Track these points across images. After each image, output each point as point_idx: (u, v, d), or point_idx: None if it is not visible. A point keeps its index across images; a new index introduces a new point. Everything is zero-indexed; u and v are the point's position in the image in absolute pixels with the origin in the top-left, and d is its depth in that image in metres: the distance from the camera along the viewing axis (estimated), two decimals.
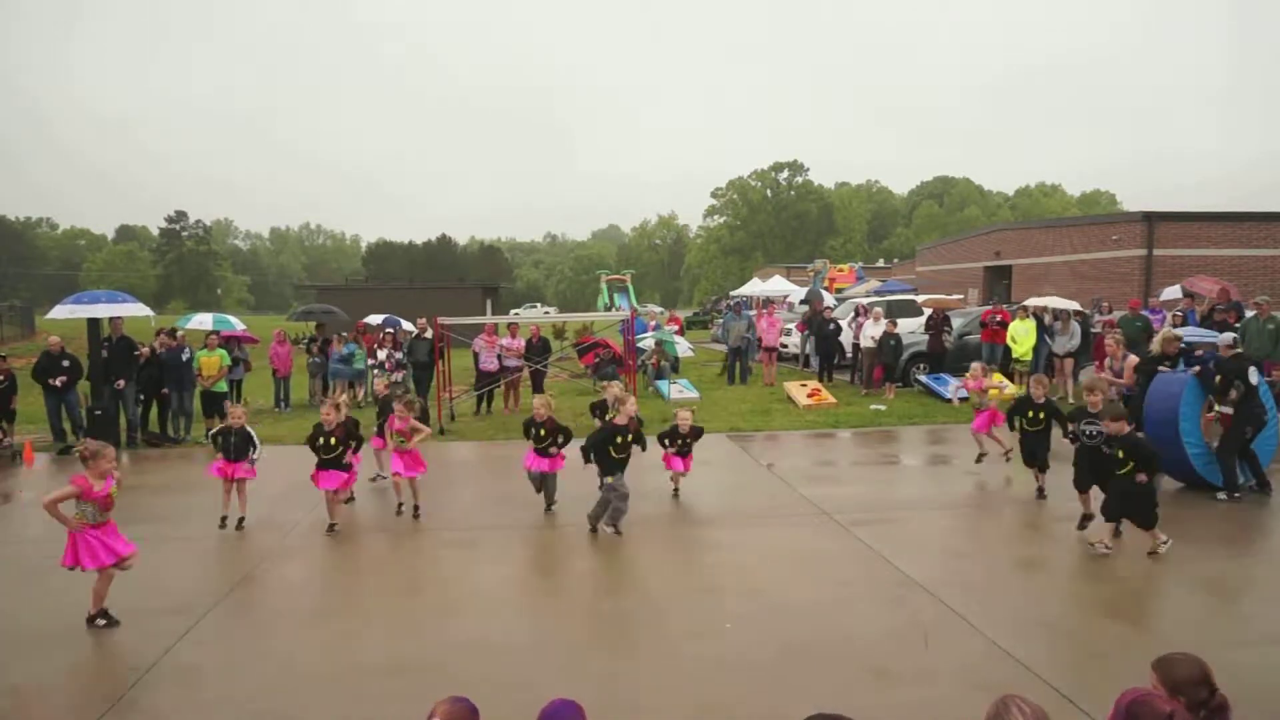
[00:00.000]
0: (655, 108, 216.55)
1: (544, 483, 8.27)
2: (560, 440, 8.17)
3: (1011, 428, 8.94)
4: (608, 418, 8.59)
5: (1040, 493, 8.64)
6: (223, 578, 6.68)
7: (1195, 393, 8.73)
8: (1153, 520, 6.60)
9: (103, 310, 12.44)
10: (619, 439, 7.73)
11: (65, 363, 12.53)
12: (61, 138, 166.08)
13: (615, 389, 9.21)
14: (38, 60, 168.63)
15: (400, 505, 8.41)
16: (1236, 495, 8.43)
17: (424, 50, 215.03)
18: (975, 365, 10.86)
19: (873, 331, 16.66)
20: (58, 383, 12.41)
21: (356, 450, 8.11)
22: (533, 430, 8.18)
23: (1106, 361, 11.05)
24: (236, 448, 7.98)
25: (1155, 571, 6.53)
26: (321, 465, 7.80)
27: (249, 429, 8.18)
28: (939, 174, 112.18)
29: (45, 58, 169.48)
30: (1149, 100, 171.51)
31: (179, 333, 13.77)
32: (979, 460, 9.96)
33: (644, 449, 8.40)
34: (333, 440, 7.79)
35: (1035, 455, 8.65)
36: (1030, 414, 8.63)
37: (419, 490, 8.39)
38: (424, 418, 13.83)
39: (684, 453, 8.87)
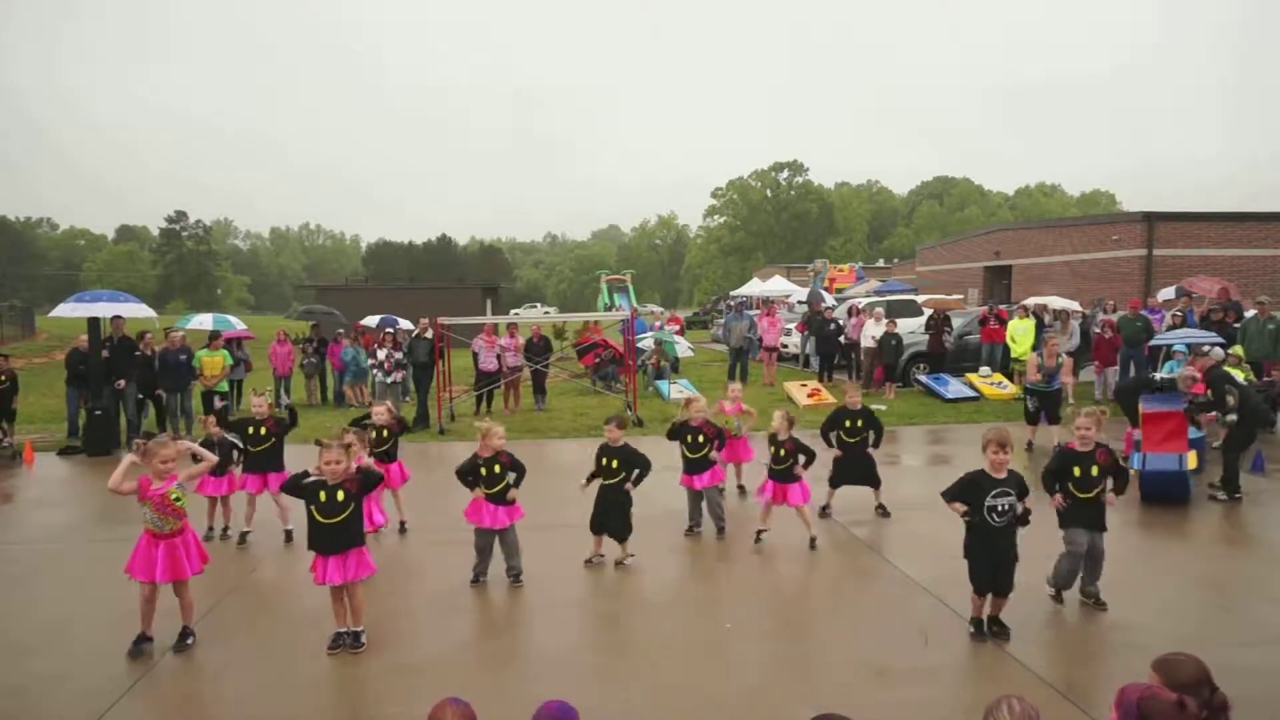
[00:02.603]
0: (655, 108, 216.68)
1: (503, 541, 6.38)
2: (515, 480, 6.36)
3: (828, 443, 8.09)
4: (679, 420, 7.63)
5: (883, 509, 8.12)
6: (221, 578, 6.67)
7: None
8: (625, 533, 6.72)
9: (103, 309, 12.43)
10: (689, 438, 7.39)
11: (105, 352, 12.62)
12: (62, 137, 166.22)
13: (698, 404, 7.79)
14: (38, 60, 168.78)
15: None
16: (1237, 495, 8.43)
17: (425, 50, 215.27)
18: (734, 385, 8.99)
19: (873, 331, 16.67)
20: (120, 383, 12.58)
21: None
22: (483, 470, 6.27)
23: (1035, 359, 11.11)
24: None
25: (1155, 572, 6.54)
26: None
27: (228, 437, 7.81)
28: (939, 174, 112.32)
29: (45, 57, 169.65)
30: (1149, 103, 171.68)
31: (180, 333, 13.81)
32: (741, 492, 8.98)
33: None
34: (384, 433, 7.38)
35: (857, 469, 7.99)
36: (848, 423, 7.98)
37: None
38: (424, 418, 13.99)
39: (786, 475, 7.12)
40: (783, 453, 7.14)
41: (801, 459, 7.12)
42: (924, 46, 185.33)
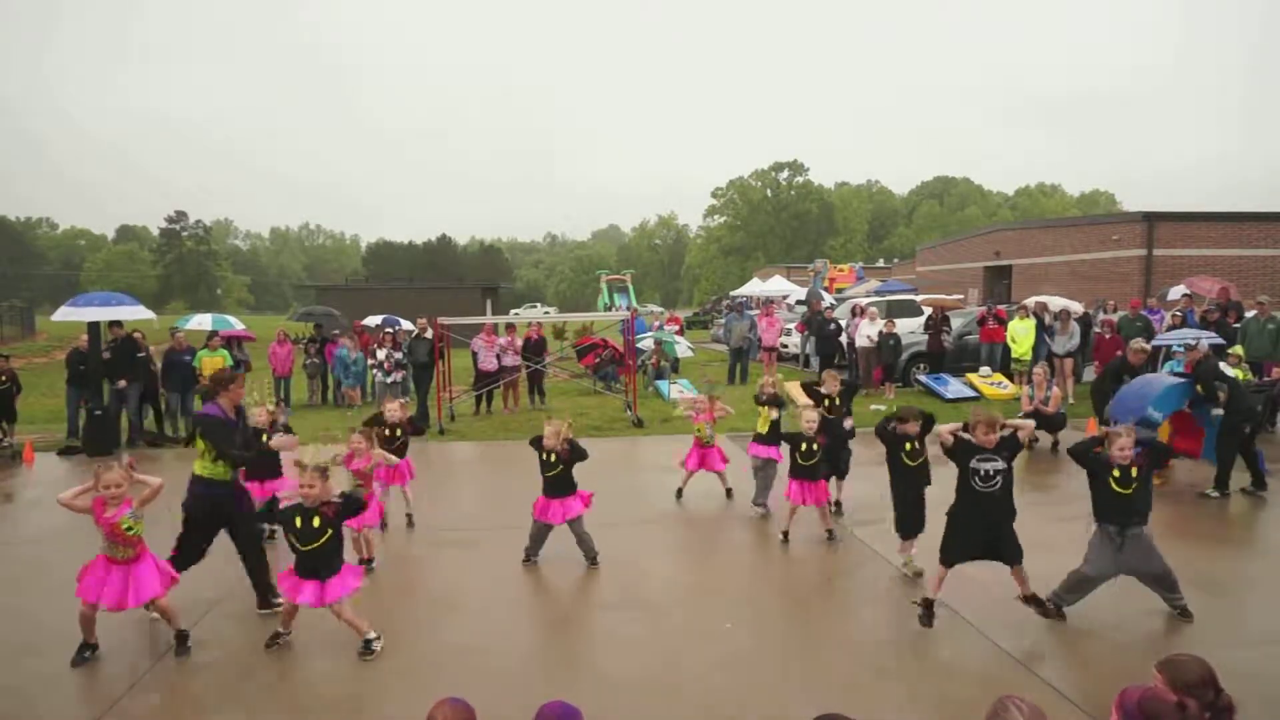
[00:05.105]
0: (656, 107, 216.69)
1: (572, 530, 6.76)
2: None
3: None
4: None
5: (839, 507, 8.18)
6: (222, 578, 6.67)
7: (1176, 391, 8.74)
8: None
9: (94, 313, 12.26)
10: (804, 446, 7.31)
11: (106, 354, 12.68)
12: (62, 138, 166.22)
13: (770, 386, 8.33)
14: (38, 60, 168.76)
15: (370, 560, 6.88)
16: (1226, 493, 8.48)
17: (425, 50, 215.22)
18: (701, 397, 9.03)
19: (869, 331, 16.67)
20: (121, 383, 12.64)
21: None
22: (541, 456, 6.73)
23: (1027, 391, 11.05)
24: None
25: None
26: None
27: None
28: (939, 174, 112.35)
29: (45, 58, 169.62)
30: (1151, 106, 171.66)
31: (178, 334, 13.83)
32: (730, 495, 8.80)
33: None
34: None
35: (833, 455, 7.85)
36: (826, 401, 8.14)
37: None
38: (424, 418, 13.98)
39: (814, 473, 7.29)
40: (815, 447, 7.21)
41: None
42: (924, 46, 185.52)
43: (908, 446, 6.27)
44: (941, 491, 6.15)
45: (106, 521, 5.01)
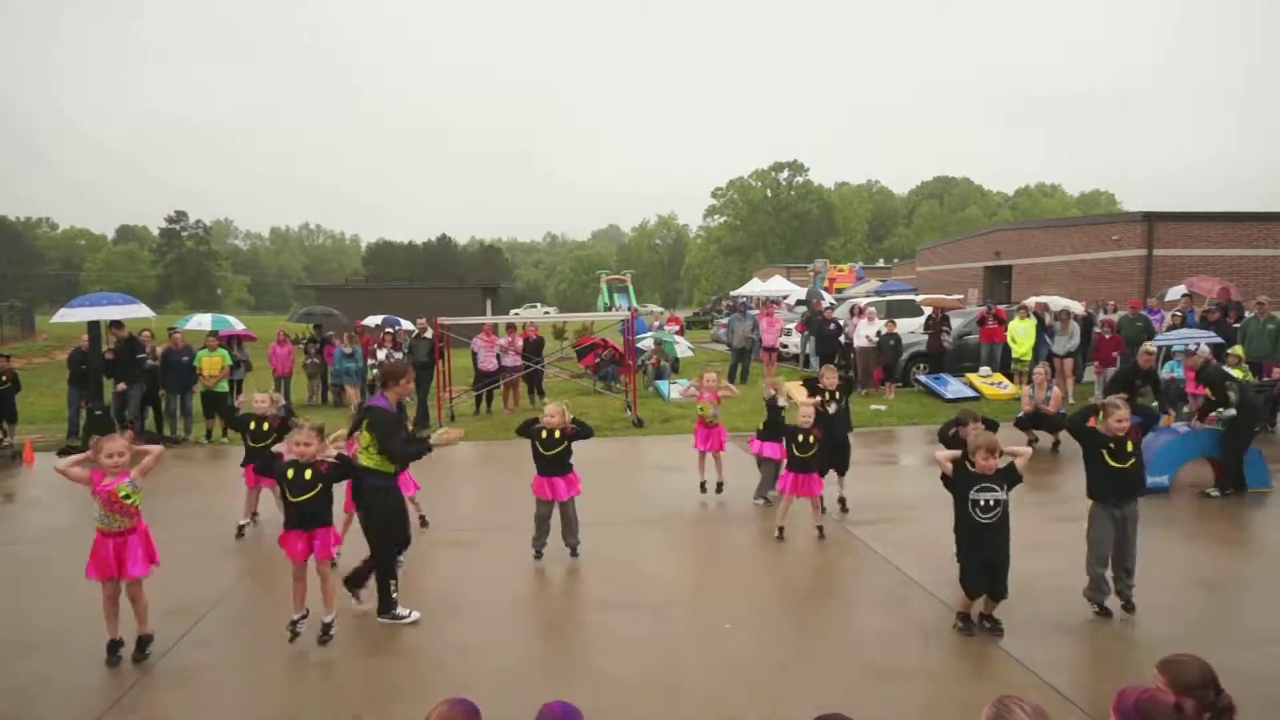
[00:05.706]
0: (656, 107, 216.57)
1: (562, 514, 6.83)
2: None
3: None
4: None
5: (843, 504, 8.19)
6: (222, 578, 6.68)
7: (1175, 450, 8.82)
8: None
9: (86, 313, 12.21)
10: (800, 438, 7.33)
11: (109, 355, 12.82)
12: (62, 137, 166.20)
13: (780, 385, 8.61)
14: (38, 60, 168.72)
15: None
16: (1229, 492, 8.50)
17: (424, 50, 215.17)
18: (710, 376, 8.89)
19: (868, 331, 16.66)
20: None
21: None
22: (543, 434, 6.76)
23: (1027, 391, 10.99)
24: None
25: (1154, 571, 6.51)
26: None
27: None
28: (939, 174, 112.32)
29: (46, 58, 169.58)
30: (1152, 105, 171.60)
31: (176, 334, 13.82)
32: (720, 489, 8.83)
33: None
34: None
35: (834, 453, 7.91)
36: (826, 395, 8.12)
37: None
38: (424, 418, 14.01)
39: (809, 465, 7.30)
40: (811, 439, 7.25)
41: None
42: (924, 46, 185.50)
43: None
44: None
45: (104, 489, 4.96)
